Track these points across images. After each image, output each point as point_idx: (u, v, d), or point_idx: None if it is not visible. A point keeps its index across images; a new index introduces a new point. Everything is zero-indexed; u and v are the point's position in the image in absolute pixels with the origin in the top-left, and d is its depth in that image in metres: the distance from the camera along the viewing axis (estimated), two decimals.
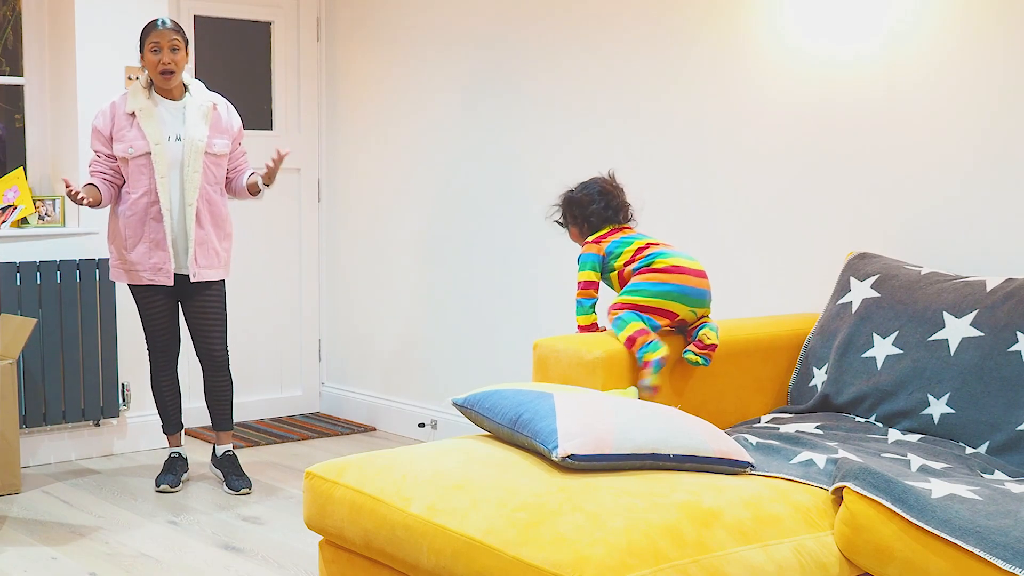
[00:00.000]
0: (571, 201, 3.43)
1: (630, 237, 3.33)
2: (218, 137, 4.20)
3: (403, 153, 5.25)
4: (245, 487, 4.31)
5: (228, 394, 4.41)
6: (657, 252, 3.25)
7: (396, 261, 5.33)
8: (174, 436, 4.51)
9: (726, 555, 2.19)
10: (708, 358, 3.19)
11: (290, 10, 5.54)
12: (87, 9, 4.70)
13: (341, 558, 2.68)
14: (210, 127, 4.18)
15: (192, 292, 4.26)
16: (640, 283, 3.21)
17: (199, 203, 4.15)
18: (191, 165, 4.12)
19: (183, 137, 4.13)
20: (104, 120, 4.14)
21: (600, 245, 3.34)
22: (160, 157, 4.08)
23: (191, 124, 4.14)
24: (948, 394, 2.92)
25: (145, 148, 4.08)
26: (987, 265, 3.28)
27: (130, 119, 4.11)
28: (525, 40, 4.60)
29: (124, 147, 4.09)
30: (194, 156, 4.12)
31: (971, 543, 2.17)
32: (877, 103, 3.56)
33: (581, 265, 3.34)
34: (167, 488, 4.32)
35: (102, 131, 4.13)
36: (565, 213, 3.46)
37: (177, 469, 4.44)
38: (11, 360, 4.26)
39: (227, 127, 4.25)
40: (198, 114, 4.16)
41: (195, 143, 4.13)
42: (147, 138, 4.08)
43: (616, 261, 3.30)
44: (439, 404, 5.10)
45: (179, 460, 4.48)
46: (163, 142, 4.10)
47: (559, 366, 3.11)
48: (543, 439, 2.48)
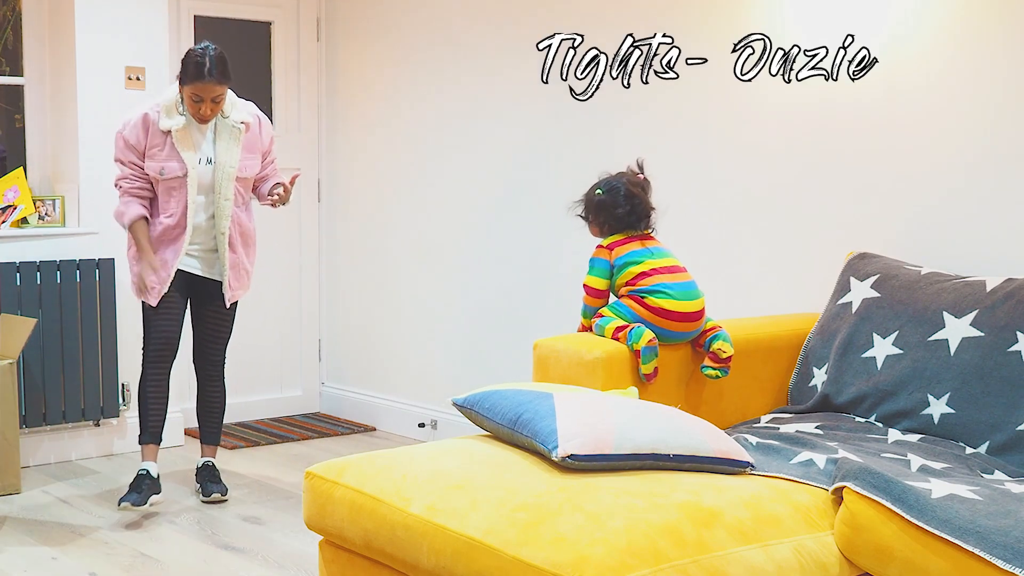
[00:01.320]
0: (596, 204, 3.34)
1: (641, 253, 3.24)
2: (250, 159, 4.08)
3: (403, 153, 5.25)
4: (217, 492, 4.20)
5: (220, 405, 4.34)
6: (655, 288, 3.18)
7: (396, 261, 5.33)
8: (149, 448, 4.15)
9: (726, 555, 2.19)
10: (727, 369, 3.19)
11: (290, 10, 5.54)
12: (87, 9, 4.70)
13: (341, 558, 2.68)
14: (242, 148, 4.05)
15: (209, 300, 4.19)
16: (624, 307, 3.20)
17: (231, 229, 4.07)
18: (222, 192, 4.01)
19: (214, 161, 4.00)
20: (138, 134, 3.95)
21: (612, 252, 3.27)
22: (192, 181, 3.97)
23: (222, 148, 4.00)
24: (948, 394, 2.92)
25: (178, 171, 3.95)
26: (987, 265, 3.27)
27: (164, 137, 3.95)
28: (525, 40, 4.60)
29: (156, 167, 3.95)
30: (225, 183, 4.01)
31: (971, 543, 2.17)
32: (877, 103, 3.56)
33: (590, 268, 3.30)
34: (128, 507, 3.95)
35: (136, 146, 3.95)
36: (588, 211, 3.38)
37: (144, 488, 4.03)
38: (11, 360, 4.26)
39: (258, 144, 4.12)
40: (230, 137, 4.02)
41: (226, 169, 4.00)
42: (183, 161, 3.95)
43: (620, 276, 3.25)
44: (439, 404, 5.10)
45: (147, 478, 4.07)
46: (195, 166, 3.98)
47: (559, 366, 3.11)
48: (543, 439, 2.48)
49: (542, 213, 4.62)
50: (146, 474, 4.08)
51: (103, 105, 4.73)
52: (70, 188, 4.76)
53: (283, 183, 4.15)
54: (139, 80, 4.79)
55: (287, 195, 4.14)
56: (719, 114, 4.01)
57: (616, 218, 3.31)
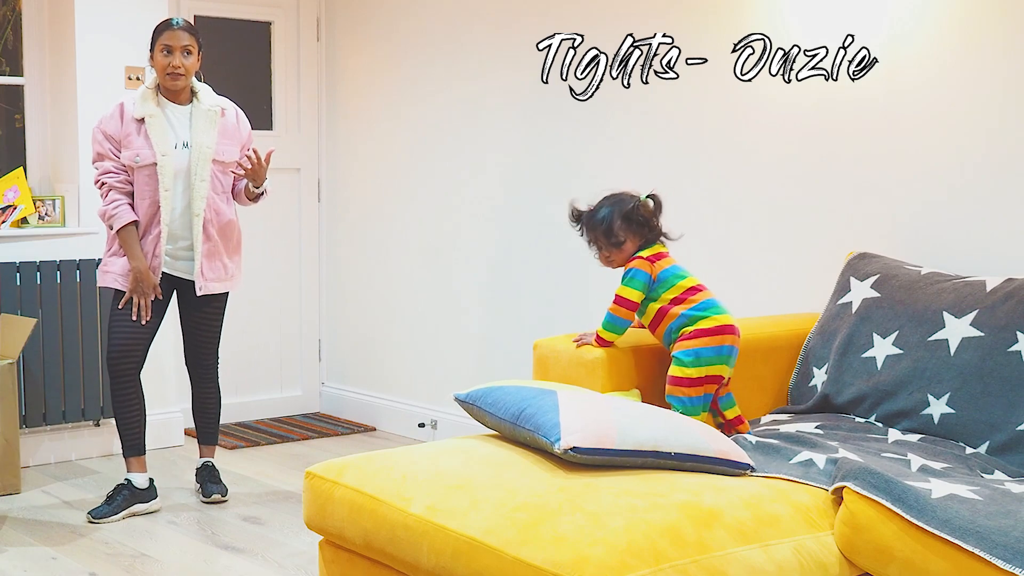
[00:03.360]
0: (630, 214, 3.14)
1: (680, 270, 3.15)
2: (227, 144, 4.04)
3: (403, 153, 5.25)
4: (217, 492, 4.19)
5: (215, 406, 4.31)
6: (707, 304, 3.09)
7: (396, 261, 5.33)
8: (131, 461, 4.07)
9: (726, 555, 2.19)
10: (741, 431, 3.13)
11: (290, 10, 5.54)
12: (87, 9, 4.70)
13: (341, 558, 2.68)
14: (219, 133, 4.01)
15: (194, 302, 4.12)
16: (698, 350, 3.04)
17: (207, 212, 3.98)
18: (198, 173, 3.95)
19: (191, 144, 3.96)
20: (114, 124, 3.93)
21: (654, 265, 3.13)
22: (166, 168, 3.92)
23: (199, 130, 3.97)
24: (948, 394, 2.92)
25: (151, 158, 3.91)
26: (987, 265, 3.27)
27: (138, 125, 3.93)
28: (525, 40, 4.60)
29: (131, 155, 3.91)
30: (202, 164, 3.96)
31: (971, 543, 2.17)
32: (877, 103, 3.56)
33: (629, 281, 3.11)
34: (90, 519, 3.93)
35: (113, 135, 3.93)
36: (609, 225, 3.15)
37: (118, 499, 3.98)
38: (11, 360, 4.26)
39: (236, 133, 4.08)
40: (206, 120, 3.99)
41: (203, 150, 3.96)
42: (153, 148, 3.91)
43: (665, 292, 3.11)
44: (439, 404, 5.10)
45: (125, 489, 4.01)
46: (170, 151, 3.93)
47: (559, 366, 3.11)
48: (545, 432, 2.48)
49: (542, 213, 4.62)
50: (126, 484, 4.03)
51: (103, 105, 4.69)
52: (70, 188, 4.76)
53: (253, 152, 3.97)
54: (139, 80, 4.78)
55: (259, 166, 3.95)
56: (719, 114, 4.01)
57: (653, 229, 3.17)
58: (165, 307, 4.08)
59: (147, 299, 3.94)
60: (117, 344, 3.98)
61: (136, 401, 4.04)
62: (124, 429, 4.05)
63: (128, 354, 3.98)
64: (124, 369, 3.99)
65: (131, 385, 4.01)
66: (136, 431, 4.06)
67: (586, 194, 3.34)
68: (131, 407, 4.03)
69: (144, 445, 4.10)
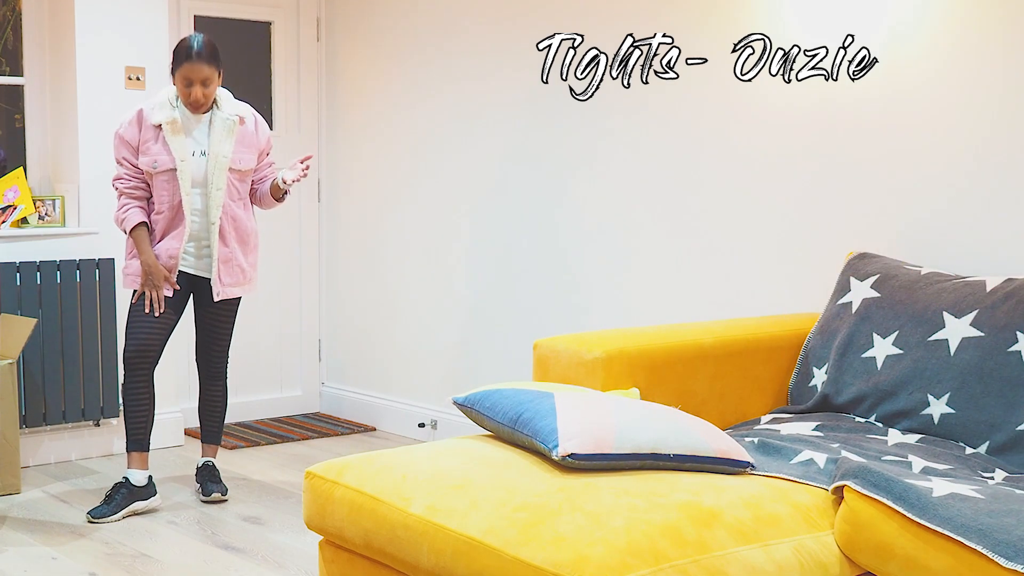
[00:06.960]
0: None
1: None
2: (244, 152, 4.07)
3: (403, 153, 5.25)
4: (217, 492, 4.20)
5: (222, 405, 4.33)
6: None
7: (396, 261, 5.33)
8: (134, 456, 4.08)
9: (726, 555, 2.19)
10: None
11: (290, 10, 5.55)
12: (87, 9, 4.70)
13: (341, 558, 2.68)
14: (236, 142, 4.04)
15: (209, 301, 4.16)
16: None
17: (223, 220, 4.03)
18: (214, 182, 3.99)
19: (208, 152, 4.00)
20: (132, 130, 3.98)
21: None
22: (184, 174, 3.96)
23: (216, 139, 4.00)
24: (948, 394, 2.92)
25: (169, 164, 3.95)
26: (987, 265, 3.28)
27: (156, 132, 3.96)
28: (525, 40, 4.60)
29: (149, 161, 3.95)
30: (218, 173, 3.99)
31: (973, 540, 2.17)
32: (877, 103, 3.56)
33: None
34: (90, 519, 3.94)
35: (130, 141, 3.97)
36: None
37: (117, 499, 4.00)
38: (11, 360, 4.26)
39: (255, 141, 4.11)
40: (224, 128, 4.01)
41: (220, 159, 3.99)
42: (172, 154, 3.94)
43: None
44: (439, 404, 5.10)
45: (123, 487, 4.03)
46: (188, 158, 3.96)
47: (559, 366, 3.11)
48: (543, 438, 2.48)
49: (542, 213, 4.62)
50: (124, 482, 4.04)
51: (103, 105, 4.73)
52: (70, 188, 4.76)
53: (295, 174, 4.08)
54: (139, 80, 4.79)
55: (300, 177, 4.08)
56: (719, 114, 4.01)
57: None
58: (183, 305, 4.13)
59: (159, 292, 3.99)
60: (134, 340, 4.03)
61: (147, 397, 4.07)
62: (131, 423, 4.08)
63: (145, 351, 4.03)
64: (139, 364, 4.04)
65: (144, 381, 4.05)
66: (142, 426, 4.08)
67: (586, 194, 3.35)
68: (141, 402, 4.06)
69: (148, 442, 4.11)
